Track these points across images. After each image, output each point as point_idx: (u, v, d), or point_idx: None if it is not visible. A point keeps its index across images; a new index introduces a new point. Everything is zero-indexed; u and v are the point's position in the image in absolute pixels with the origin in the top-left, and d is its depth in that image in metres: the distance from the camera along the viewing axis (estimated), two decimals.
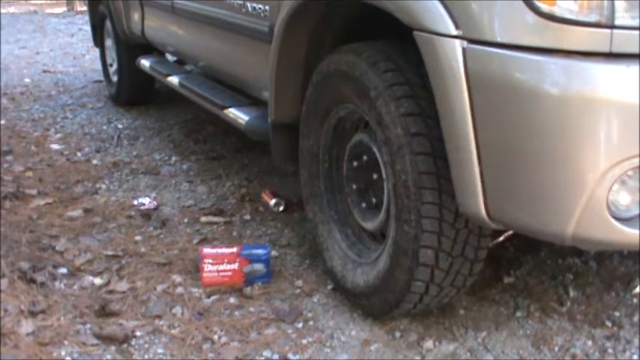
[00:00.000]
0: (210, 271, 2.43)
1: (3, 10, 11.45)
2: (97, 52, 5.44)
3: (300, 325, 2.22)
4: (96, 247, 2.72)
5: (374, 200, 2.20)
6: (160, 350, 2.10)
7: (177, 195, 3.28)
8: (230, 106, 2.93)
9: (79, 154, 3.97)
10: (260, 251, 2.48)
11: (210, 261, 2.43)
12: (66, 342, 2.09)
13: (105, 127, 4.48)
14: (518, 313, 2.26)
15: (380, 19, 2.00)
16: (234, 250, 2.47)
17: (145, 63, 4.16)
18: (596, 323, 2.21)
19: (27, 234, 2.71)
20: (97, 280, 2.47)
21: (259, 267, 2.44)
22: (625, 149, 1.55)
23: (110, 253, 2.68)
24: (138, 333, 2.17)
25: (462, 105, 1.68)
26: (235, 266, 2.43)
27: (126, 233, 2.87)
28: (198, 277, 2.46)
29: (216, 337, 2.14)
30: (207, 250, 2.47)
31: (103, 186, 3.43)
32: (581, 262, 2.53)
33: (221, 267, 2.43)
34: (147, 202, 3.14)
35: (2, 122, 4.59)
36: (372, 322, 2.22)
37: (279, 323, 2.23)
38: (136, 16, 4.27)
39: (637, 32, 1.53)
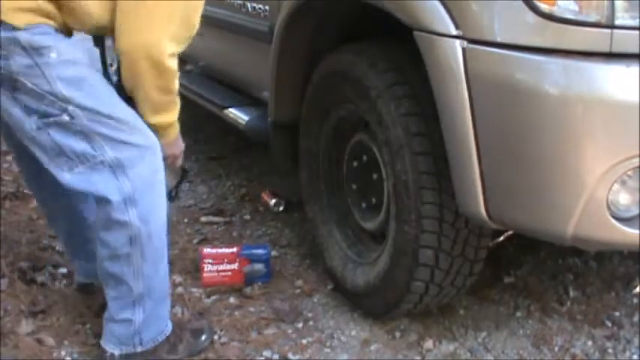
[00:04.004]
0: (210, 271, 2.43)
1: None
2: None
3: (300, 325, 2.22)
4: None
5: (374, 200, 2.20)
6: None
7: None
8: (230, 106, 2.93)
9: None
10: (260, 251, 2.48)
11: (210, 261, 2.43)
12: (66, 342, 2.09)
13: None
14: (518, 313, 2.27)
15: (380, 19, 2.00)
16: (234, 250, 2.47)
17: None
18: (596, 323, 2.21)
19: (27, 234, 2.70)
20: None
21: (259, 267, 2.44)
22: (625, 149, 1.55)
23: None
24: None
25: (462, 105, 1.68)
26: (235, 266, 2.43)
27: None
28: (198, 277, 2.46)
29: (216, 337, 2.14)
30: (207, 250, 2.47)
31: None
32: (581, 262, 2.53)
33: (221, 267, 2.43)
34: None
35: None
36: (372, 322, 2.22)
37: (279, 323, 2.23)
38: None
39: (637, 32, 1.53)
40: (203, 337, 2.07)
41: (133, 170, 1.78)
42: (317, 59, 2.32)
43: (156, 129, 1.87)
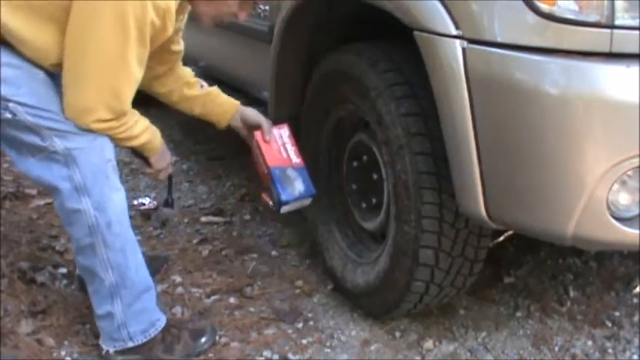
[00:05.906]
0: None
1: None
2: None
3: (300, 325, 2.22)
4: None
5: (374, 200, 2.20)
6: None
7: (177, 195, 3.27)
8: None
9: None
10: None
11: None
12: (66, 342, 2.09)
13: None
14: (518, 313, 2.27)
15: (380, 19, 2.00)
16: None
17: None
18: (596, 323, 2.21)
19: (27, 234, 2.70)
20: None
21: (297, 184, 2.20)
22: (625, 149, 1.55)
23: None
24: None
25: (462, 105, 1.68)
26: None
27: None
28: (199, 277, 2.46)
29: (216, 337, 2.14)
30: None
31: None
32: (581, 262, 2.53)
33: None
34: (147, 202, 3.13)
35: None
36: (372, 322, 2.22)
37: (279, 323, 2.23)
38: None
39: (637, 32, 1.53)
40: (203, 339, 2.07)
41: (83, 159, 1.83)
42: (317, 59, 2.32)
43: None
